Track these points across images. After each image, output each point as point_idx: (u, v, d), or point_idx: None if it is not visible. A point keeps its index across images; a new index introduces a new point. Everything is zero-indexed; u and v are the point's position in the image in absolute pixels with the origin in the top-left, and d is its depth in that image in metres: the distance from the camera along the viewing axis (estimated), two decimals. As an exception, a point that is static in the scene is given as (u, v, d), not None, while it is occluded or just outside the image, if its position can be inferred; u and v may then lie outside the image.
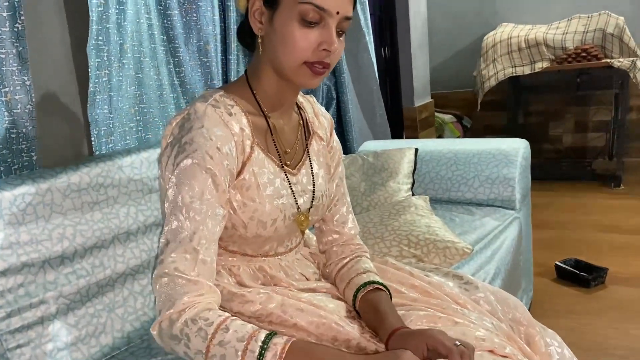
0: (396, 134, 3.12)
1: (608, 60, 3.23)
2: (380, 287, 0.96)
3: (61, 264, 1.04)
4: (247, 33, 0.93)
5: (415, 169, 1.90)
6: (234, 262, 0.95)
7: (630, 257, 2.36)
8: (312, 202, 0.98)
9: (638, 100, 3.62)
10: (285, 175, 0.94)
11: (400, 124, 3.20)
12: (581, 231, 2.76)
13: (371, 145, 2.26)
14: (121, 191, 1.18)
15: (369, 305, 0.93)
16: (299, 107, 1.04)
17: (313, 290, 0.98)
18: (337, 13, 0.84)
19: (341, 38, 0.89)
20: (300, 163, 0.98)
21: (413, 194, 1.82)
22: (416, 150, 1.94)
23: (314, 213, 1.00)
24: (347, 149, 2.35)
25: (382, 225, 1.50)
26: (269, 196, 0.90)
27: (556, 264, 2.25)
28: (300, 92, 1.05)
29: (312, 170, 1.00)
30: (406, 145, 2.02)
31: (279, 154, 0.95)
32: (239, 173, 0.88)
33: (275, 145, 0.94)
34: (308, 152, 1.01)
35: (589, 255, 2.34)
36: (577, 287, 2.15)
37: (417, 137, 3.15)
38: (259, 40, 0.90)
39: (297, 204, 0.95)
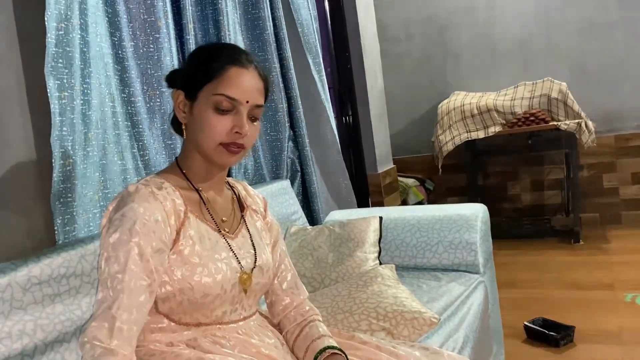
0: (362, 200, 3.18)
1: (555, 123, 3.44)
2: (337, 351, 1.01)
3: (20, 362, 1.01)
4: (177, 122, 1.05)
5: (381, 237, 1.94)
6: (190, 335, 0.96)
7: (595, 314, 2.41)
8: (255, 262, 1.03)
9: (587, 158, 3.83)
10: (224, 238, 1.01)
11: (366, 190, 3.27)
12: (546, 289, 2.82)
13: (337, 215, 2.29)
14: (84, 280, 1.16)
15: None
16: (231, 186, 1.14)
17: None
18: (247, 102, 0.97)
19: (255, 123, 1.01)
20: (237, 229, 1.06)
21: (380, 263, 1.84)
22: (380, 218, 1.99)
23: (258, 275, 1.04)
24: (313, 220, 2.38)
25: (351, 298, 1.51)
26: (209, 255, 0.96)
27: (525, 324, 2.28)
28: (234, 177, 1.13)
29: (250, 235, 1.07)
30: (371, 214, 2.06)
31: (215, 222, 1.02)
32: (176, 240, 0.94)
33: (210, 213, 1.02)
34: (244, 220, 1.09)
35: (556, 313, 2.38)
36: (547, 347, 2.17)
37: (382, 202, 3.22)
38: (183, 127, 1.01)
39: (239, 263, 1.00)
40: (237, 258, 1.00)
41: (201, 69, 0.98)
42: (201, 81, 0.97)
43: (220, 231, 1.01)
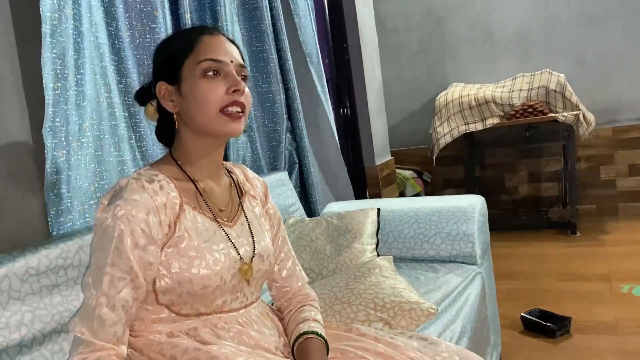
0: (360, 192, 3.18)
1: (553, 115, 3.43)
2: (312, 336, 1.01)
3: (19, 352, 1.00)
4: (164, 131, 1.04)
5: (378, 228, 1.94)
6: (190, 324, 0.96)
7: (591, 305, 2.43)
8: (254, 251, 1.03)
9: (585, 150, 3.84)
10: (221, 228, 1.00)
11: (363, 182, 3.27)
12: (543, 280, 2.83)
13: (335, 207, 2.29)
14: (81, 271, 1.16)
15: (300, 357, 1.00)
16: (229, 172, 1.12)
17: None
18: (232, 61, 0.97)
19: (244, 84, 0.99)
20: (236, 217, 1.05)
21: (378, 254, 1.84)
22: (378, 210, 1.99)
23: (258, 263, 1.04)
24: (311, 211, 2.38)
25: (348, 289, 1.51)
26: (207, 247, 0.95)
27: (522, 315, 2.29)
28: (231, 162, 1.14)
29: (248, 222, 1.06)
30: (369, 206, 2.06)
31: (212, 212, 1.00)
32: (171, 233, 0.93)
33: (207, 204, 1.00)
34: (242, 207, 1.08)
35: (552, 304, 2.40)
36: (543, 337, 2.18)
37: (380, 194, 3.22)
38: (175, 117, 0.99)
39: (238, 253, 0.99)
40: (236, 247, 0.99)
41: (176, 49, 0.97)
42: (180, 59, 0.96)
43: (218, 221, 1.00)
